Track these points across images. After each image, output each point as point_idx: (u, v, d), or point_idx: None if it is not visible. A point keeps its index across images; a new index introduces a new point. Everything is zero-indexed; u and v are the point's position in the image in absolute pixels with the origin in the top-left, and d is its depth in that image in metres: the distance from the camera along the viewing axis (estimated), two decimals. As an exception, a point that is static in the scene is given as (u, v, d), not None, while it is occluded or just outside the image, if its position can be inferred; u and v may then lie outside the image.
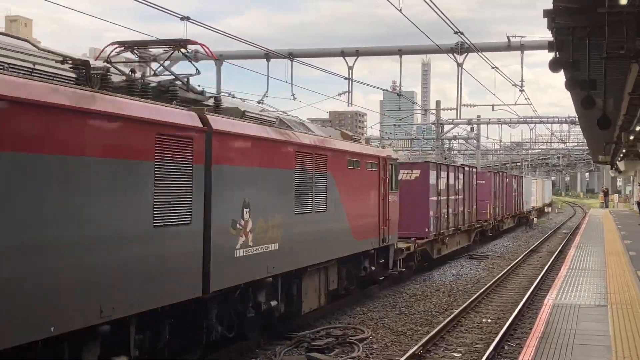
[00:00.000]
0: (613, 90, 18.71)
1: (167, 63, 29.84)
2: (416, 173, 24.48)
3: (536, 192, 62.60)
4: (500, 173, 43.89)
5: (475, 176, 33.62)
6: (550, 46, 13.70)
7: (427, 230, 24.09)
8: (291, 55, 25.27)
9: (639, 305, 13.42)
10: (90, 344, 8.12)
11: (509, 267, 25.99)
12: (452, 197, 28.10)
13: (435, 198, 25.28)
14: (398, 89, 28.71)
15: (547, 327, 11.57)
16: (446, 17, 16.53)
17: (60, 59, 9.03)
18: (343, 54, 26.52)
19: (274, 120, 14.50)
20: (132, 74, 10.02)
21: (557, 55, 13.49)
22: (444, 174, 26.81)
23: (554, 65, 13.39)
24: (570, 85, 13.82)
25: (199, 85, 20.20)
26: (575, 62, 13.18)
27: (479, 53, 23.00)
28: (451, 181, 27.93)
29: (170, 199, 9.25)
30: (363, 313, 17.18)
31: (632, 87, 17.30)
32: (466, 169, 32.03)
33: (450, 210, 27.61)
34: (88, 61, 8.89)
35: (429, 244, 24.75)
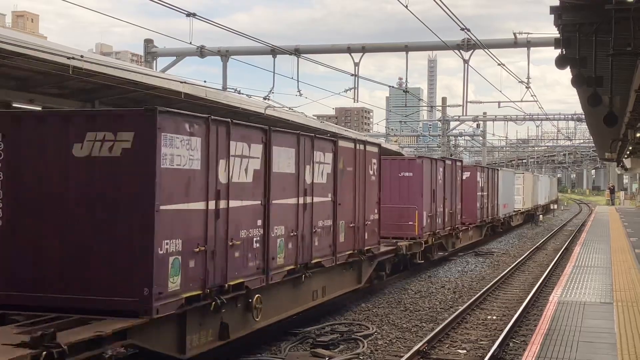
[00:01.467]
0: (620, 87, 18.66)
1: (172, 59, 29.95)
2: (125, 141, 9.55)
3: (523, 190, 48.03)
4: (451, 162, 26.97)
5: (375, 160, 17.63)
6: (556, 43, 13.66)
7: (146, 292, 9.22)
8: (297, 52, 25.25)
9: (644, 302, 13.40)
10: None
11: (514, 264, 25.97)
12: (280, 202, 12.67)
13: (180, 206, 9.87)
14: (404, 85, 28.66)
15: (552, 324, 11.57)
16: (452, 14, 16.50)
17: None
18: (349, 50, 26.48)
19: None
20: None
21: (564, 52, 13.46)
22: (242, 148, 11.49)
23: (561, 62, 13.36)
24: (576, 82, 13.77)
25: (204, 81, 20.27)
26: (581, 59, 13.14)
27: (485, 50, 22.94)
28: (280, 167, 12.67)
29: None
30: (368, 309, 17.20)
31: (638, 84, 17.25)
32: (342, 145, 15.57)
33: (280, 231, 12.70)
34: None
35: (145, 332, 9.33)
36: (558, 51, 13.63)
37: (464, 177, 29.14)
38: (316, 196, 14.19)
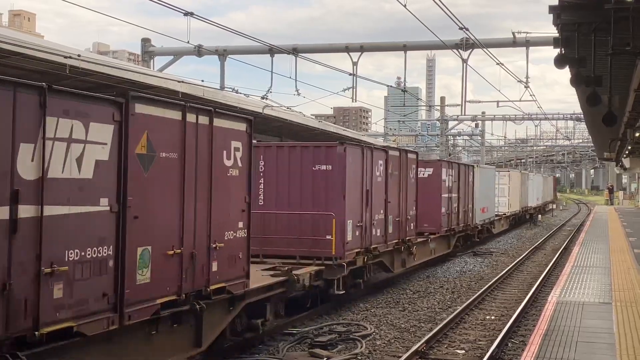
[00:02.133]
0: (619, 86, 18.62)
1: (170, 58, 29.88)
2: None
3: (509, 191, 42.32)
4: (399, 153, 20.30)
5: (240, 145, 11.67)
6: (555, 42, 13.61)
7: None
8: (295, 51, 25.21)
9: (643, 302, 13.36)
10: None
11: (513, 264, 25.92)
12: None
13: None
14: (402, 85, 28.61)
15: (551, 324, 11.51)
16: (451, 13, 16.46)
17: None
18: (347, 49, 26.44)
19: None
20: None
21: (563, 52, 13.41)
22: None
23: (559, 62, 13.30)
24: (575, 81, 13.71)
25: (202, 80, 20.25)
26: (580, 59, 13.09)
27: (484, 49, 22.90)
28: None
29: None
30: (366, 309, 17.15)
31: (638, 84, 17.20)
32: (149, 112, 9.36)
33: None
34: None
35: None
36: (557, 50, 13.58)
37: (424, 174, 24.12)
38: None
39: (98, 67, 15.89)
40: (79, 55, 15.25)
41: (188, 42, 18.90)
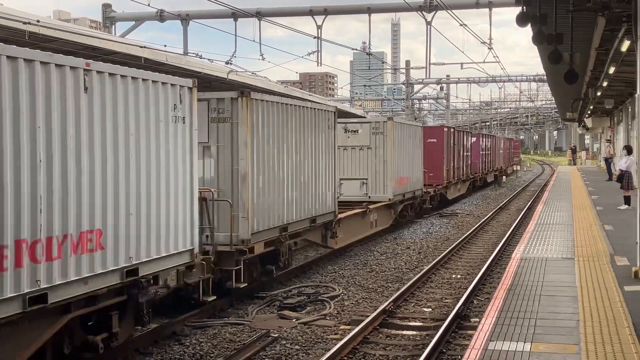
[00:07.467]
0: (580, 45, 18.79)
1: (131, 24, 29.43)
2: None
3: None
4: None
5: None
6: (517, 0, 13.68)
7: None
8: (259, 15, 24.98)
9: (605, 257, 13.67)
10: None
11: (478, 224, 26.25)
12: None
13: None
14: (368, 48, 28.55)
15: (515, 279, 11.74)
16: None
17: None
18: (312, 12, 26.27)
19: None
20: None
21: (524, 10, 13.49)
22: None
23: (521, 20, 13.39)
24: (537, 39, 13.82)
25: (165, 45, 19.99)
26: (542, 16, 13.19)
27: (448, 10, 22.92)
28: None
29: None
30: (334, 271, 17.31)
31: (598, 42, 17.38)
32: None
33: None
34: None
35: None
36: (519, 10, 13.65)
37: None
38: None
39: (58, 33, 15.59)
40: (38, 21, 14.96)
41: (149, 5, 18.63)
